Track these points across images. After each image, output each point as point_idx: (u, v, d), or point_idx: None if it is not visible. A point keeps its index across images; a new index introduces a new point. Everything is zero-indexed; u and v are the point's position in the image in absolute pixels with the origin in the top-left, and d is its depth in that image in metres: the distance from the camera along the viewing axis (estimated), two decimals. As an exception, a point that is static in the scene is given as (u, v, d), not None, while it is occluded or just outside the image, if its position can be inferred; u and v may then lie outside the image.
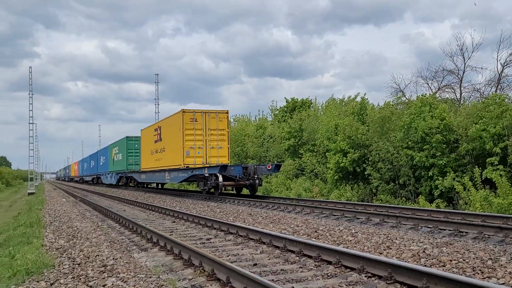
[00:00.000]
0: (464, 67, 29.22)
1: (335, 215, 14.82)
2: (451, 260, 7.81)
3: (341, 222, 13.38)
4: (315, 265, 7.93)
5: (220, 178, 22.75)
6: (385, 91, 60.29)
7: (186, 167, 25.38)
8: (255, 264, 8.13)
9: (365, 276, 7.05)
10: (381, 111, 24.72)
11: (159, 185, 39.03)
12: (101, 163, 53.47)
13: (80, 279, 7.47)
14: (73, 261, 8.81)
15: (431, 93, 27.20)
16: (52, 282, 7.36)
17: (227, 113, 26.43)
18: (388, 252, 8.65)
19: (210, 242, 10.64)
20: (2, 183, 67.25)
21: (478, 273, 7.06)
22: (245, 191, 26.98)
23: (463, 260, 7.83)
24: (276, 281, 6.92)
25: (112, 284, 6.93)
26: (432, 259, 7.99)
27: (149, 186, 40.53)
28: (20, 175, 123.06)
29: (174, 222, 14.69)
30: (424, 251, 8.55)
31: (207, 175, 23.63)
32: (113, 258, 8.90)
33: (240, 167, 23.50)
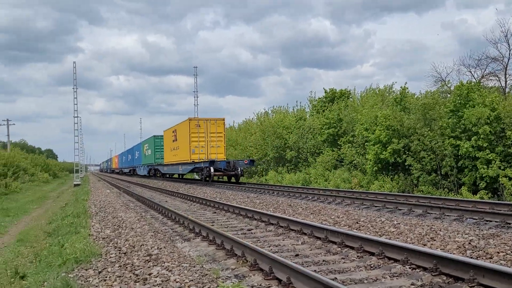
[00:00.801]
0: (509, 54, 28.25)
1: (376, 206, 14.56)
2: (498, 252, 7.58)
3: (382, 213, 13.12)
4: (358, 256, 7.82)
5: (212, 170, 29.64)
6: (426, 80, 58.84)
7: (192, 161, 32.11)
8: (297, 255, 8.06)
9: (409, 268, 6.91)
10: (424, 98, 24.18)
11: (180, 175, 44.74)
12: (136, 157, 60.17)
13: (126, 267, 7.58)
14: (119, 250, 8.93)
15: (475, 81, 26.39)
16: (100, 270, 7.50)
17: (223, 120, 33.10)
18: (432, 244, 8.46)
19: (251, 233, 10.53)
20: (49, 175, 67.93)
21: (527, 266, 6.81)
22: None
23: (511, 252, 7.57)
24: (318, 271, 6.86)
25: (158, 273, 7.01)
26: (479, 251, 7.77)
27: (173, 176, 46.50)
28: (66, 167, 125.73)
29: (215, 213, 14.58)
30: (470, 243, 8.33)
31: (203, 167, 30.67)
32: (158, 248, 8.98)
33: (224, 162, 30.43)
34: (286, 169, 35.61)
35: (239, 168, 30.17)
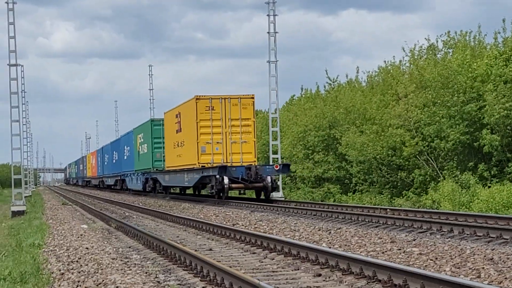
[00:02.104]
0: None
1: None
2: None
3: None
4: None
5: (226, 180, 27.12)
6: None
7: (202, 166, 29.13)
8: None
9: None
10: None
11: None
12: (125, 157, 50.68)
13: None
14: None
15: None
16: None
17: (253, 98, 29.73)
18: None
19: None
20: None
21: None
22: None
23: None
24: None
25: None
26: None
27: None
28: None
29: (322, 277, 10.09)
30: None
31: (212, 176, 28.34)
32: None
33: (243, 168, 27.76)
34: (480, 174, 25.44)
35: (269, 178, 27.70)
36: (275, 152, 34.82)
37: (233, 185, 27.79)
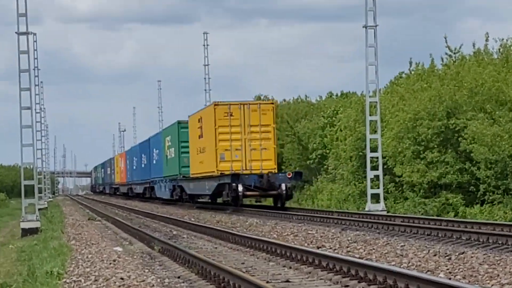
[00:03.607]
0: None
1: None
2: None
3: None
4: None
5: (240, 188, 34.67)
6: None
7: (221, 174, 36.98)
8: None
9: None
10: None
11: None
12: (154, 161, 58.61)
13: None
14: None
15: None
16: None
17: (272, 104, 38.78)
18: None
19: None
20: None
21: None
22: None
23: None
24: None
25: None
26: None
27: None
28: (3, 180, 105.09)
29: None
30: None
31: (226, 183, 36.01)
32: None
33: (255, 176, 35.39)
34: None
35: (283, 185, 35.21)
36: (374, 150, 34.83)
37: (248, 193, 35.93)
